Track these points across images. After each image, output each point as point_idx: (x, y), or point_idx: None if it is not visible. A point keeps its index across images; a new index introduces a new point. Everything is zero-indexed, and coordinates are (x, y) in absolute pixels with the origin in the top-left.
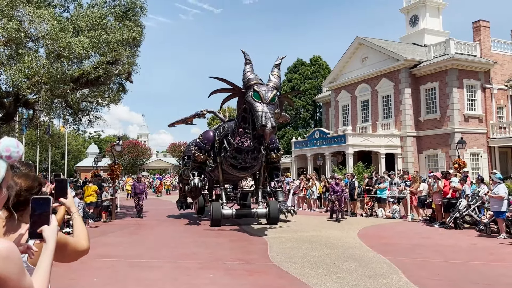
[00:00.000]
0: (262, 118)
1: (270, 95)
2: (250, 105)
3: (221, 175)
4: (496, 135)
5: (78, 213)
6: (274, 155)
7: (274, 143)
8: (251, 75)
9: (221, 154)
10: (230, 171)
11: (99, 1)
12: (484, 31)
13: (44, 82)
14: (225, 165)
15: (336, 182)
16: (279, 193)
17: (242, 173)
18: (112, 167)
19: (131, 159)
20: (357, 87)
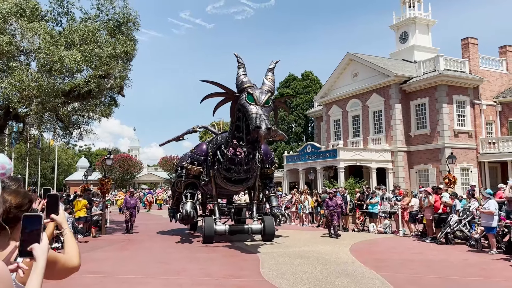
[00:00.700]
0: (256, 120)
1: (265, 97)
2: (244, 107)
3: (214, 189)
4: (485, 151)
5: (69, 229)
6: (268, 170)
7: (269, 158)
8: (244, 78)
9: (214, 167)
10: (224, 185)
11: (92, 16)
12: (473, 48)
13: (35, 95)
14: (218, 179)
15: (330, 196)
16: (273, 198)
17: (236, 187)
18: (103, 181)
19: (122, 173)
20: (348, 102)
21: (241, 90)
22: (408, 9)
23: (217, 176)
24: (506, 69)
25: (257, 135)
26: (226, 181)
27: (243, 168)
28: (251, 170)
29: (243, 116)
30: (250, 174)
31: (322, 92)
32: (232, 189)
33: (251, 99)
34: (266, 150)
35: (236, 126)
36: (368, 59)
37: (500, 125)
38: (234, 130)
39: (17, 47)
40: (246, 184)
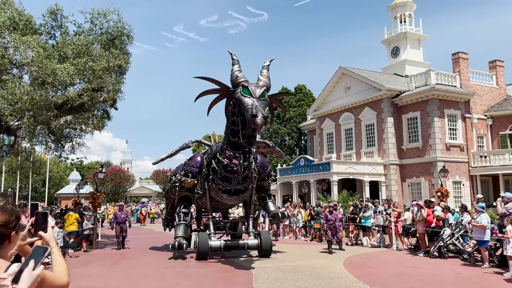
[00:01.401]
0: (252, 109)
1: (260, 90)
2: (239, 100)
3: (209, 202)
4: (477, 164)
5: (57, 246)
6: (265, 183)
7: (266, 170)
8: (239, 74)
9: (209, 177)
10: (219, 198)
11: (85, 29)
12: (463, 62)
13: (28, 108)
14: (213, 191)
15: (330, 210)
16: (270, 203)
17: (232, 199)
18: (94, 195)
19: (114, 186)
20: (341, 115)
21: (236, 85)
22: (399, 24)
23: (212, 188)
24: (496, 83)
25: (254, 124)
26: (222, 192)
27: (239, 177)
28: (248, 179)
29: (239, 110)
30: (247, 184)
31: (315, 105)
32: (227, 202)
33: (247, 92)
34: (263, 162)
35: (231, 131)
36: (360, 73)
37: (491, 139)
38: (230, 134)
39: (10, 60)
40: (242, 196)
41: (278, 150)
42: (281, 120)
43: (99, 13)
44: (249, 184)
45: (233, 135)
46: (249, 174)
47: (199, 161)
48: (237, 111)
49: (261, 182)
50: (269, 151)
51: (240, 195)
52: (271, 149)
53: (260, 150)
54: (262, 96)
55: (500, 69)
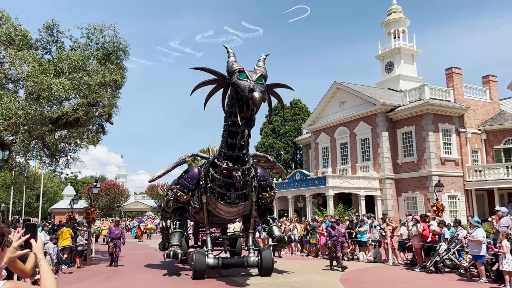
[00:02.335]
0: (250, 86)
1: (257, 75)
2: (236, 84)
3: (206, 217)
4: (472, 178)
5: (46, 260)
6: (267, 193)
7: (266, 180)
8: (235, 64)
9: (207, 186)
10: (217, 212)
11: (81, 44)
12: (457, 77)
13: (22, 123)
14: (211, 205)
15: (332, 225)
16: (275, 228)
17: (232, 209)
18: (89, 210)
19: (108, 201)
20: (336, 130)
21: (232, 72)
22: (393, 39)
23: (210, 202)
24: (489, 98)
25: (252, 100)
26: (221, 199)
27: (239, 182)
28: (247, 185)
29: (235, 97)
30: (247, 190)
31: (310, 119)
32: (226, 215)
33: (243, 76)
34: (263, 173)
35: (229, 133)
36: (355, 88)
37: (486, 153)
38: (228, 136)
39: (5, 75)
40: (242, 205)
41: (279, 166)
42: (276, 134)
43: (96, 28)
44: (249, 191)
45: (231, 136)
46: (249, 180)
47: (196, 174)
48: (234, 101)
49: (262, 194)
50: (270, 165)
51: (240, 203)
52: (271, 163)
53: (260, 165)
54: (259, 80)
55: (493, 84)
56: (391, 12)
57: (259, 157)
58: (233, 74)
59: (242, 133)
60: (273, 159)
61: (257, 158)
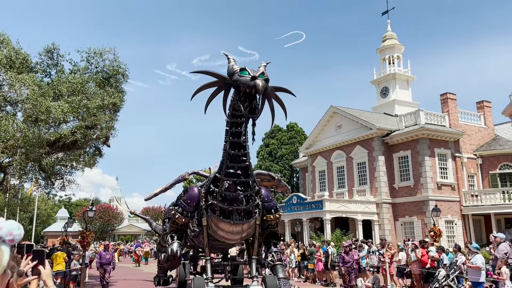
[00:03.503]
0: (251, 75)
1: (259, 72)
2: (237, 81)
3: (206, 240)
4: (468, 203)
5: (54, 286)
6: (272, 216)
7: (271, 201)
8: (235, 65)
9: (208, 205)
10: (219, 233)
11: (81, 68)
12: (452, 103)
13: (20, 146)
14: (211, 228)
15: (346, 250)
16: (279, 267)
17: (235, 229)
18: (83, 233)
19: (102, 224)
20: (333, 153)
21: (233, 73)
22: (388, 65)
23: (210, 223)
24: (484, 123)
25: (254, 87)
26: (223, 216)
27: (242, 197)
28: (252, 200)
29: (238, 95)
30: (251, 206)
31: (307, 143)
32: (228, 236)
33: (245, 73)
34: (268, 194)
35: (231, 144)
36: (351, 112)
37: (482, 178)
38: (229, 148)
39: (4, 97)
40: (247, 224)
41: (284, 184)
42: (273, 157)
43: (96, 52)
44: (253, 208)
45: (233, 147)
46: (253, 195)
47: (196, 194)
48: (236, 98)
49: (266, 216)
50: (274, 184)
51: (244, 219)
52: (276, 182)
53: (264, 184)
54: (260, 77)
55: (488, 110)
56: (386, 39)
57: (262, 175)
58: (234, 74)
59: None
60: (277, 176)
61: (260, 176)
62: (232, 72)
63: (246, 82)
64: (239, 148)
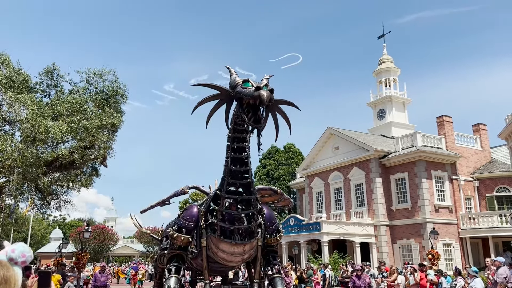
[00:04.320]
0: (255, 86)
1: (262, 84)
2: (240, 93)
3: (205, 263)
4: (466, 226)
5: None
6: (272, 240)
7: (273, 224)
8: (238, 78)
9: (208, 224)
10: (220, 254)
11: (80, 88)
12: (448, 125)
13: (18, 165)
14: (211, 249)
15: (357, 274)
16: (278, 280)
17: (236, 250)
18: (79, 255)
19: (96, 245)
20: (330, 174)
21: (235, 85)
22: (384, 88)
23: (210, 244)
24: (480, 146)
25: (259, 97)
26: (224, 236)
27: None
28: (254, 219)
29: (240, 107)
30: (253, 226)
31: (304, 164)
32: (229, 258)
33: (248, 84)
34: (270, 215)
35: (232, 159)
36: (348, 134)
37: (479, 201)
38: (231, 163)
39: (3, 117)
40: (249, 244)
41: (287, 197)
42: (270, 178)
43: (95, 73)
44: (255, 227)
45: (234, 163)
46: (255, 213)
47: (195, 213)
48: (239, 111)
49: (267, 239)
50: (276, 199)
51: (246, 239)
52: (278, 196)
53: (265, 200)
54: (264, 88)
55: (484, 132)
56: (382, 62)
57: (263, 190)
58: (237, 86)
59: (246, 155)
60: (280, 190)
61: (261, 192)
62: (234, 84)
63: (250, 93)
64: (241, 164)
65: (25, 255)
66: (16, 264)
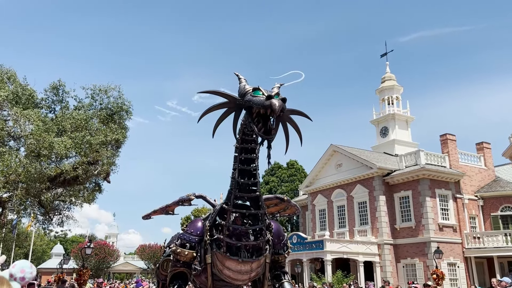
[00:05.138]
0: (265, 95)
1: (274, 92)
2: (250, 101)
3: (210, 280)
4: (471, 245)
5: None
6: (280, 257)
7: (281, 241)
8: (247, 85)
9: (213, 239)
10: (225, 272)
11: (85, 104)
12: (451, 144)
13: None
14: (216, 267)
15: None
16: (287, 285)
17: (243, 268)
18: (80, 271)
19: (97, 261)
20: (333, 192)
21: (245, 93)
22: (387, 106)
23: (215, 261)
24: (484, 164)
25: (270, 107)
26: (230, 253)
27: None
28: (262, 235)
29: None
30: (261, 242)
31: (307, 181)
32: (235, 276)
33: (259, 93)
34: (279, 230)
35: (240, 171)
36: (351, 151)
37: (484, 220)
38: (238, 176)
39: (8, 132)
40: (256, 262)
41: (294, 204)
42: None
43: (101, 89)
44: (263, 244)
45: (242, 175)
46: (263, 228)
47: (200, 227)
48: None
49: (275, 256)
50: (282, 207)
51: (254, 257)
52: (285, 204)
53: (270, 210)
54: (276, 97)
55: (488, 151)
56: (385, 80)
57: (268, 200)
58: (246, 94)
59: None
60: (287, 197)
61: (266, 202)
62: (244, 92)
63: (261, 102)
64: (249, 176)
65: (24, 271)
66: (15, 280)
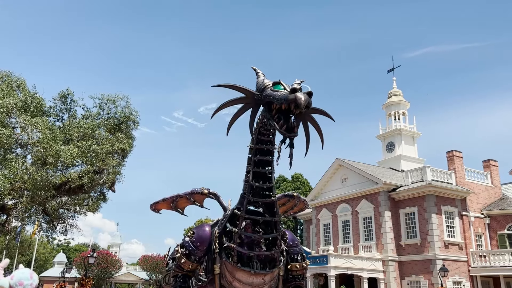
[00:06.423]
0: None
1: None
2: (270, 96)
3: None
4: (477, 264)
5: None
6: (298, 265)
7: (296, 247)
8: (266, 80)
9: (222, 248)
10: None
11: (93, 113)
12: (458, 160)
13: (27, 188)
14: (225, 278)
15: None
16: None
17: (255, 280)
18: (83, 281)
19: (99, 270)
20: (338, 206)
21: (264, 88)
22: (393, 121)
23: (224, 272)
24: (491, 182)
25: (295, 101)
26: (241, 264)
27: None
28: (276, 245)
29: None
30: (276, 252)
31: (312, 195)
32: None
33: (280, 87)
34: (292, 238)
35: (254, 174)
36: (356, 166)
37: (490, 238)
38: (252, 179)
39: (16, 140)
40: (270, 274)
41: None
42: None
43: (109, 99)
44: (278, 254)
45: (256, 178)
46: (278, 238)
47: (206, 235)
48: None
49: (292, 265)
50: (290, 206)
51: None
52: (294, 201)
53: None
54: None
55: (494, 169)
56: (392, 95)
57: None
58: (266, 88)
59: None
60: (296, 194)
61: None
62: (263, 87)
63: (284, 96)
64: (264, 180)
65: (23, 283)
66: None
